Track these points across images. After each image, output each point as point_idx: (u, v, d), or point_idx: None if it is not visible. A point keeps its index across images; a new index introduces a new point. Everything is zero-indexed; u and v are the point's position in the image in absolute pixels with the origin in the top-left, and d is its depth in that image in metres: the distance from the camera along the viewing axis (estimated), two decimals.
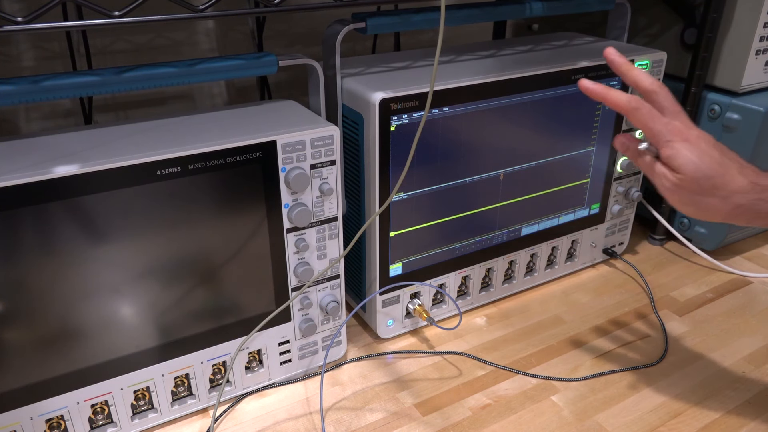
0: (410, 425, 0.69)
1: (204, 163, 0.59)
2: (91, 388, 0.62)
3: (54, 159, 0.55)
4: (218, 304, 0.66)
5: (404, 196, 0.75)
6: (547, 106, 0.81)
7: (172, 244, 0.61)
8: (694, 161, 0.55)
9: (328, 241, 0.70)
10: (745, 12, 0.88)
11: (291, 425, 0.69)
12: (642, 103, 0.58)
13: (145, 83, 0.60)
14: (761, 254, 1.03)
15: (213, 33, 0.93)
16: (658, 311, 0.88)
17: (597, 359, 0.79)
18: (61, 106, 0.87)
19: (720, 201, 0.56)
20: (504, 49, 0.87)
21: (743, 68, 0.90)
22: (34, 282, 0.56)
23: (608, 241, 0.99)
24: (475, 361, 0.78)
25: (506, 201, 0.84)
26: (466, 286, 0.87)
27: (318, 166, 0.65)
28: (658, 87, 0.58)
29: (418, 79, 0.73)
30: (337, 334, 0.76)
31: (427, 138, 0.73)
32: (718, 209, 0.56)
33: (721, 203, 0.56)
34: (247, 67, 0.65)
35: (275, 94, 0.98)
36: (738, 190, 0.55)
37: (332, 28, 0.70)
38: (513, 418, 0.70)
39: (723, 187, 0.55)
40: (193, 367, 0.68)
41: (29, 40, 0.81)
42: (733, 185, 0.55)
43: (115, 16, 0.54)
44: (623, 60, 0.60)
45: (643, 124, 0.57)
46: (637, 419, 0.69)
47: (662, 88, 0.58)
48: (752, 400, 0.72)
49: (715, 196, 0.56)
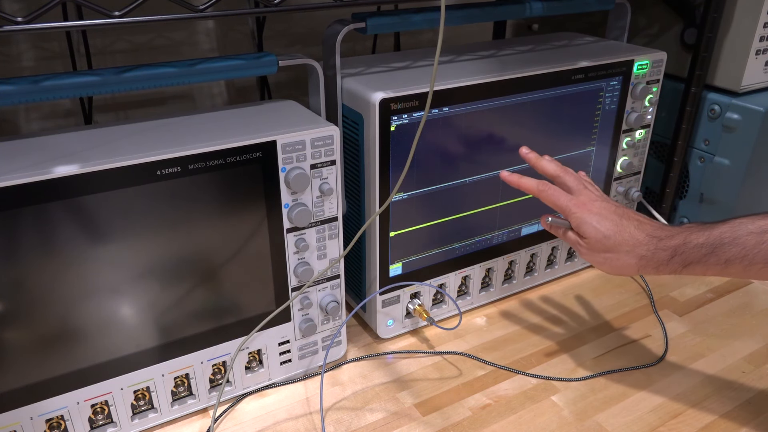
0: (410, 425, 0.69)
1: (204, 163, 0.59)
2: (91, 388, 0.62)
3: (54, 159, 0.55)
4: (218, 304, 0.66)
5: (404, 196, 0.75)
6: (547, 106, 0.81)
7: (172, 244, 0.61)
8: (595, 226, 0.64)
9: (328, 241, 0.70)
10: (745, 12, 0.88)
11: (291, 425, 0.69)
12: (548, 186, 0.68)
13: (145, 83, 0.60)
14: None
15: (213, 33, 0.93)
16: (658, 311, 0.88)
17: (597, 359, 0.79)
18: (61, 106, 0.87)
19: (626, 255, 0.64)
20: (504, 49, 0.87)
21: (743, 68, 0.90)
22: (34, 282, 0.56)
23: None
24: (475, 361, 0.78)
25: (506, 201, 0.84)
26: (466, 286, 0.86)
27: (318, 166, 0.65)
28: (561, 172, 0.70)
29: (418, 79, 0.73)
30: (337, 334, 0.76)
31: (427, 138, 0.73)
32: (627, 263, 0.64)
33: (627, 257, 0.64)
34: (247, 67, 0.65)
35: (275, 94, 0.98)
36: (637, 243, 0.63)
37: (332, 28, 0.70)
38: (513, 418, 0.70)
39: (624, 243, 0.63)
40: (193, 367, 0.68)
41: (29, 40, 0.81)
42: (632, 240, 0.63)
43: (115, 16, 0.54)
44: (533, 155, 0.72)
45: (552, 203, 0.68)
46: (637, 419, 0.69)
47: (565, 172, 0.70)
48: (752, 400, 0.72)
49: (619, 252, 0.64)
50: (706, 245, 0.60)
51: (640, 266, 0.64)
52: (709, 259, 0.60)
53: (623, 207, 0.67)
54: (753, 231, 0.59)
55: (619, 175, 0.94)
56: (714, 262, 0.60)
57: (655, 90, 0.90)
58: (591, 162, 0.90)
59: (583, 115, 0.85)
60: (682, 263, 0.62)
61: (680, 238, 0.62)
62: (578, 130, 0.86)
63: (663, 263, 0.62)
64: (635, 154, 0.94)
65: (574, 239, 0.67)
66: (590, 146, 0.88)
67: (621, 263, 0.64)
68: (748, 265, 0.59)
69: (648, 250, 0.63)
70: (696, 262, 0.61)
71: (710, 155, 0.96)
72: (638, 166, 0.95)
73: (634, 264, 0.64)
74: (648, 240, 0.63)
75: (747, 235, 0.59)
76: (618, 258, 0.64)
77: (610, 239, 0.64)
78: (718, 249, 0.60)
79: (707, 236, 0.61)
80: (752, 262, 0.58)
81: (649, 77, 0.88)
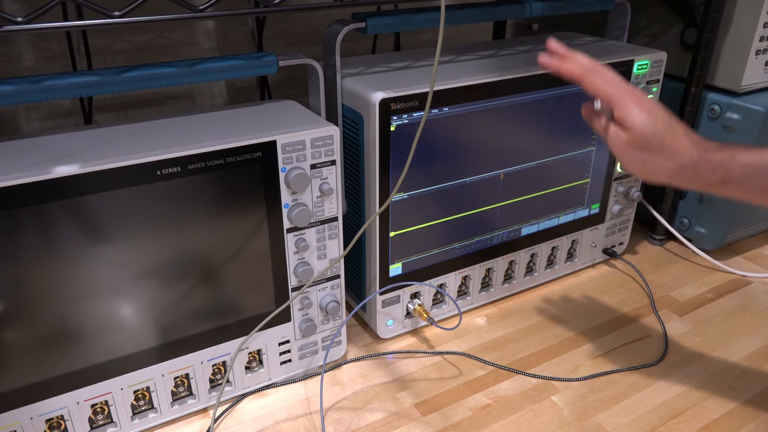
0: (410, 425, 0.69)
1: (204, 163, 0.59)
2: (91, 388, 0.62)
3: (54, 159, 0.55)
4: (218, 304, 0.66)
5: (404, 196, 0.75)
6: (547, 106, 0.81)
7: (172, 244, 0.61)
8: (644, 119, 0.59)
9: (328, 241, 0.70)
10: (745, 12, 0.88)
11: (291, 425, 0.69)
12: (596, 67, 0.62)
13: (145, 83, 0.60)
14: (761, 254, 1.03)
15: (213, 33, 0.93)
16: (658, 311, 0.88)
17: (597, 359, 0.79)
18: (61, 106, 0.87)
19: (666, 160, 0.59)
20: (504, 49, 0.87)
21: (743, 68, 0.90)
22: (34, 282, 0.56)
23: (608, 241, 0.99)
24: (475, 361, 0.78)
25: (506, 201, 0.84)
26: (466, 286, 0.86)
27: (318, 166, 0.65)
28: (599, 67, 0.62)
29: (418, 79, 0.73)
30: (337, 334, 0.76)
31: (427, 138, 0.73)
32: (663, 168, 0.59)
33: (667, 162, 0.59)
34: (247, 67, 0.65)
35: (275, 94, 0.98)
36: (683, 150, 0.59)
37: (332, 28, 0.70)
38: (513, 418, 0.70)
39: (669, 145, 0.59)
40: (193, 367, 0.68)
41: (29, 40, 0.81)
42: (678, 145, 0.59)
43: (115, 16, 0.54)
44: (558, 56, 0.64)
45: (597, 88, 0.61)
46: (637, 419, 0.69)
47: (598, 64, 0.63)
48: (752, 400, 0.72)
49: (661, 154, 0.59)
50: (753, 165, 0.57)
51: (676, 175, 0.60)
52: (752, 180, 0.57)
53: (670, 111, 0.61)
54: None
55: (619, 175, 0.94)
56: (756, 185, 0.57)
57: (655, 90, 0.90)
58: (591, 162, 0.90)
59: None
60: (721, 180, 0.58)
61: (726, 154, 0.58)
62: (578, 130, 0.86)
63: (700, 176, 0.59)
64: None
65: (614, 131, 0.61)
66: (590, 146, 0.88)
67: (658, 167, 0.60)
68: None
69: (691, 160, 0.58)
70: (736, 182, 0.58)
71: None
72: None
73: (671, 170, 0.59)
74: (694, 148, 0.59)
75: None
76: (656, 161, 0.59)
77: (657, 137, 0.58)
78: (766, 171, 0.57)
79: (757, 156, 0.57)
80: None
81: (649, 77, 0.88)
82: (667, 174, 0.60)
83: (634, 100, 0.60)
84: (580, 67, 0.62)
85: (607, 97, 0.61)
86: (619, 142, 0.61)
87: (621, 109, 0.60)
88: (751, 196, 0.59)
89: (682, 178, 0.60)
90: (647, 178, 0.62)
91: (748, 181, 0.58)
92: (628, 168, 0.63)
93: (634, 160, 0.61)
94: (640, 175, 0.62)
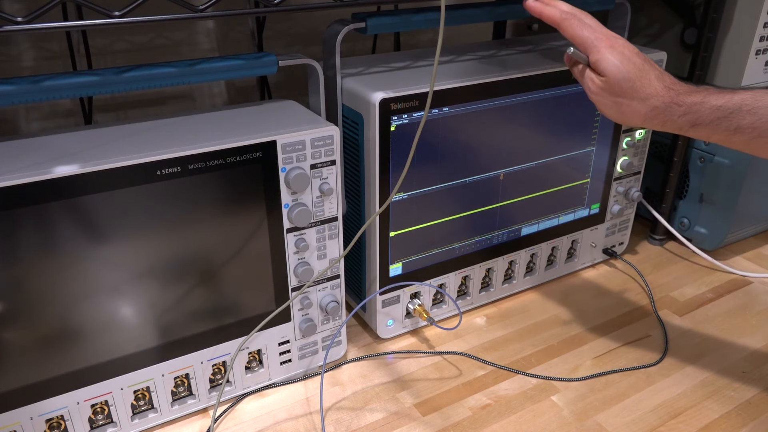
0: (410, 425, 0.69)
1: (204, 163, 0.59)
2: (91, 388, 0.62)
3: (54, 159, 0.55)
4: (218, 304, 0.66)
5: (404, 196, 0.75)
6: (547, 106, 0.81)
7: (172, 244, 0.61)
8: (617, 65, 0.61)
9: (328, 241, 0.70)
10: (745, 12, 0.88)
11: (291, 425, 0.69)
12: (573, 14, 0.64)
13: (145, 83, 0.60)
14: (761, 254, 1.03)
15: (213, 33, 0.93)
16: (658, 311, 0.88)
17: (597, 359, 0.79)
18: (61, 106, 0.87)
19: (638, 103, 0.61)
20: (504, 49, 0.87)
21: (743, 68, 0.90)
22: (34, 282, 0.56)
23: (608, 241, 0.99)
24: (475, 361, 0.78)
25: (506, 201, 0.84)
26: (466, 286, 0.86)
27: (318, 166, 0.65)
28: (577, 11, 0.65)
29: (418, 79, 0.73)
30: (337, 334, 0.76)
31: (427, 138, 0.73)
32: (637, 111, 0.62)
33: (640, 105, 0.61)
34: (247, 67, 0.65)
35: (275, 94, 0.98)
36: (654, 93, 0.61)
37: (332, 28, 0.70)
38: (513, 418, 0.70)
39: (641, 89, 0.61)
40: (193, 367, 0.68)
41: (29, 40, 0.81)
42: (650, 88, 0.61)
43: (115, 16, 0.54)
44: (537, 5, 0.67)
45: (574, 34, 0.63)
46: (637, 419, 0.69)
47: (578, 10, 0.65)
48: (752, 400, 0.72)
49: (634, 98, 0.61)
50: (723, 108, 0.59)
51: (649, 117, 0.62)
52: (721, 123, 0.59)
53: (644, 54, 0.63)
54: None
55: (619, 175, 0.94)
56: (724, 128, 0.59)
57: None
58: (591, 162, 0.90)
59: (583, 115, 0.85)
60: (692, 122, 0.60)
61: (698, 97, 0.60)
62: (578, 130, 0.86)
63: (672, 118, 0.61)
64: (635, 154, 0.94)
65: (590, 76, 0.64)
66: (590, 146, 0.88)
67: (630, 110, 0.62)
68: (757, 137, 0.58)
69: (662, 102, 0.61)
70: (706, 124, 0.60)
71: (710, 155, 0.96)
72: (638, 166, 0.95)
73: (643, 113, 0.61)
74: (665, 92, 0.61)
75: (767, 107, 0.58)
76: (629, 104, 0.62)
77: (628, 82, 0.61)
78: (734, 115, 0.59)
79: (726, 100, 0.59)
80: (762, 134, 0.58)
81: None
82: (640, 117, 0.62)
83: (607, 46, 0.62)
84: (559, 12, 0.65)
85: (582, 42, 0.63)
86: (594, 87, 0.63)
87: (595, 54, 0.62)
88: (719, 137, 0.61)
89: (655, 120, 0.62)
90: (622, 121, 0.64)
91: (718, 124, 0.59)
92: (604, 112, 0.65)
93: (608, 105, 0.63)
94: (615, 118, 0.64)
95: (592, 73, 0.63)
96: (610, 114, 0.64)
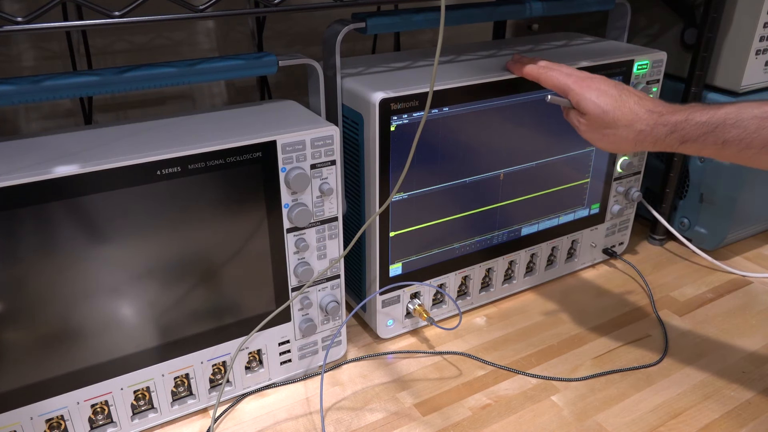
0: (410, 425, 0.69)
1: (204, 163, 0.59)
2: (91, 388, 0.62)
3: (54, 159, 0.55)
4: (218, 304, 0.66)
5: (404, 196, 0.75)
6: (547, 106, 0.80)
7: (172, 244, 0.61)
8: (594, 101, 0.65)
9: (328, 241, 0.70)
10: (745, 12, 0.88)
11: (291, 425, 0.69)
12: (548, 67, 0.71)
13: (145, 83, 0.60)
14: (761, 254, 1.03)
15: (213, 33, 0.93)
16: (658, 311, 0.88)
17: (597, 359, 0.79)
18: (61, 106, 0.87)
19: (624, 130, 0.65)
20: (504, 49, 0.87)
21: (743, 68, 0.90)
22: (34, 282, 0.56)
23: (608, 241, 0.99)
24: (475, 361, 0.78)
25: (506, 201, 0.84)
26: (466, 286, 0.86)
27: (318, 166, 0.65)
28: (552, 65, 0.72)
29: (418, 79, 0.73)
30: (337, 334, 0.76)
31: (427, 138, 0.73)
32: (625, 138, 0.65)
33: (626, 131, 0.65)
34: (247, 67, 0.65)
35: (275, 94, 0.98)
36: (636, 118, 0.64)
37: (332, 28, 0.70)
38: (513, 418, 0.70)
39: (622, 117, 0.64)
40: (193, 367, 0.68)
41: (29, 40, 0.81)
42: (630, 115, 0.64)
43: (115, 16, 0.54)
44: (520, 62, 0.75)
45: (553, 84, 0.70)
46: (637, 419, 0.69)
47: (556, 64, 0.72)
48: (752, 400, 0.72)
49: (618, 127, 0.65)
50: (707, 124, 0.61)
51: (638, 141, 0.64)
52: (708, 138, 0.61)
53: (623, 84, 0.67)
54: (757, 115, 0.59)
55: (619, 175, 0.94)
56: (712, 142, 0.61)
57: (655, 90, 0.90)
58: (591, 162, 0.90)
59: None
60: (680, 140, 0.62)
61: (682, 115, 0.62)
62: None
63: (660, 138, 0.63)
64: (635, 154, 0.94)
65: (575, 117, 0.68)
66: (590, 146, 0.88)
67: (619, 138, 0.65)
68: (744, 148, 0.59)
69: (647, 125, 0.63)
70: (693, 140, 0.62)
71: None
72: (638, 166, 0.95)
73: (632, 138, 0.64)
74: (648, 115, 0.64)
75: (751, 118, 0.59)
76: (616, 133, 0.65)
77: (608, 114, 0.64)
78: (719, 129, 0.60)
79: (710, 115, 0.61)
80: (749, 145, 0.59)
81: (649, 77, 0.88)
82: (630, 143, 0.65)
83: (583, 87, 0.66)
84: (537, 68, 0.71)
85: (561, 88, 0.69)
86: (582, 127, 0.68)
87: (574, 96, 0.67)
88: (709, 152, 0.62)
89: (645, 143, 0.65)
90: (617, 150, 0.68)
91: (705, 140, 0.61)
92: (598, 145, 0.68)
93: (599, 138, 0.67)
94: (610, 149, 0.68)
95: (577, 113, 0.68)
96: (604, 146, 0.67)
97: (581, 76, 0.68)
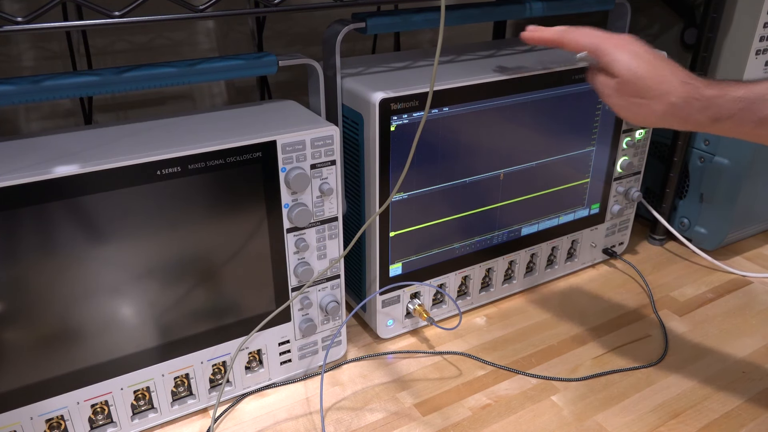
0: (410, 425, 0.69)
1: (204, 163, 0.59)
2: (91, 388, 0.62)
3: (54, 159, 0.55)
4: (218, 304, 0.66)
5: (404, 196, 0.75)
6: (547, 106, 0.81)
7: (172, 244, 0.61)
8: (629, 64, 0.59)
9: (328, 241, 0.70)
10: (745, 12, 0.88)
11: (291, 425, 0.69)
12: (570, 27, 0.64)
13: (145, 83, 0.60)
14: (761, 254, 1.03)
15: (213, 33, 0.93)
16: (658, 311, 0.88)
17: (597, 359, 0.79)
18: (61, 106, 0.87)
19: (654, 101, 0.59)
20: (504, 49, 0.87)
21: (743, 68, 0.90)
22: (34, 282, 0.56)
23: (608, 241, 0.99)
24: (475, 361, 0.78)
25: (506, 201, 0.84)
26: (466, 286, 0.86)
27: (318, 166, 0.65)
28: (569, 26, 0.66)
29: (418, 79, 0.73)
30: (337, 334, 0.76)
31: (427, 138, 0.73)
32: (653, 110, 0.59)
33: (656, 103, 0.59)
34: (247, 67, 0.65)
35: (275, 94, 0.98)
36: (671, 90, 0.58)
37: (332, 28, 0.70)
38: (513, 418, 0.70)
39: (656, 86, 0.58)
40: (193, 367, 0.68)
41: (29, 40, 0.81)
42: (666, 85, 0.58)
43: (115, 16, 0.54)
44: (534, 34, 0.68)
45: (580, 43, 0.63)
46: (637, 419, 0.69)
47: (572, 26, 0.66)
48: (752, 400, 0.72)
49: (649, 97, 0.59)
50: (744, 99, 0.56)
51: (667, 115, 0.59)
52: (744, 114, 0.56)
53: (656, 49, 0.62)
54: None
55: (619, 175, 0.94)
56: (748, 119, 0.56)
57: None
58: (591, 162, 0.90)
59: (583, 115, 0.85)
60: (713, 117, 0.57)
61: (717, 89, 0.57)
62: (578, 130, 0.86)
63: (692, 114, 0.58)
64: (635, 154, 0.94)
65: (603, 80, 0.62)
66: (590, 146, 0.88)
67: (647, 110, 0.60)
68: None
69: (680, 98, 0.58)
70: (728, 118, 0.57)
71: (710, 155, 0.96)
72: (638, 166, 0.95)
73: (661, 111, 0.59)
74: (682, 87, 0.58)
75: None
76: (646, 104, 0.59)
77: (642, 80, 0.59)
78: (757, 104, 0.56)
79: (747, 90, 0.56)
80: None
81: None
82: (657, 116, 0.60)
83: (616, 46, 0.60)
84: (557, 31, 0.65)
85: (590, 47, 0.62)
86: (608, 90, 0.62)
87: (605, 56, 0.61)
88: (744, 131, 0.58)
89: (674, 118, 0.59)
90: (639, 123, 0.62)
91: (741, 116, 0.57)
92: (620, 114, 0.63)
93: (624, 106, 0.61)
94: (632, 120, 0.62)
95: (604, 76, 0.62)
96: (627, 116, 0.62)
97: (610, 35, 0.62)
